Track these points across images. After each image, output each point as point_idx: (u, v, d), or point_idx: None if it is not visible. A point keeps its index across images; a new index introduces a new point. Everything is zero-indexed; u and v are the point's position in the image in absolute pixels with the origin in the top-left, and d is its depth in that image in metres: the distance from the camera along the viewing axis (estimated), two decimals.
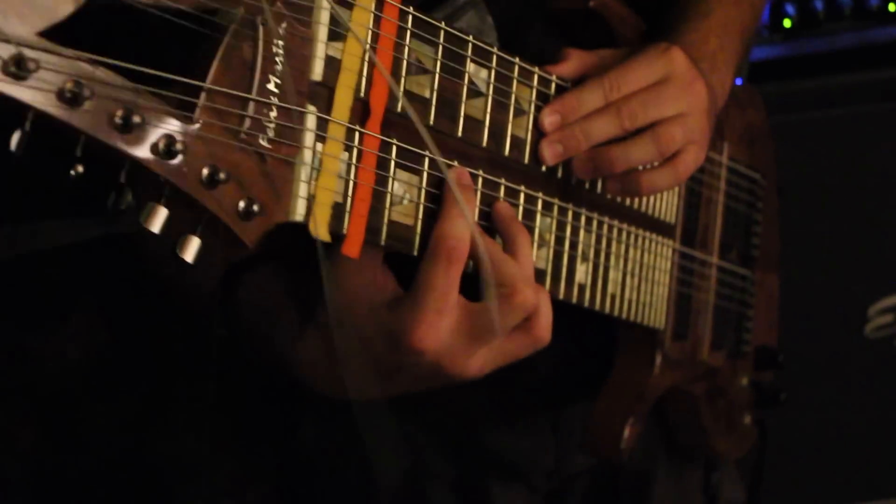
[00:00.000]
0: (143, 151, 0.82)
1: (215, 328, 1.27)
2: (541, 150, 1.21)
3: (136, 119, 0.81)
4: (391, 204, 1.03)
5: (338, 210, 0.97)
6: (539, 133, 1.22)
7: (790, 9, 2.30)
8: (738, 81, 1.81)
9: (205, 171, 0.86)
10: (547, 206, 1.24)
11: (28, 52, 0.75)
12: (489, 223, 1.16)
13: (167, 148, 0.83)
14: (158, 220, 0.86)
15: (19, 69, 0.74)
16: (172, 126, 0.84)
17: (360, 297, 1.10)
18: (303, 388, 1.24)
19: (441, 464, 1.52)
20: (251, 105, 0.88)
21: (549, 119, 1.21)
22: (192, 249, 0.88)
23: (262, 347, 1.24)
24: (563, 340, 1.34)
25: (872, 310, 2.32)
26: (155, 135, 0.83)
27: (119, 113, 0.80)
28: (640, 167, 1.29)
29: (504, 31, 1.32)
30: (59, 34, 0.78)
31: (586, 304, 1.33)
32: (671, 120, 1.26)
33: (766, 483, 1.82)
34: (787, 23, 2.30)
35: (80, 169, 0.82)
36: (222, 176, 0.86)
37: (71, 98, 0.78)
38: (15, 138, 0.78)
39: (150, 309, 1.45)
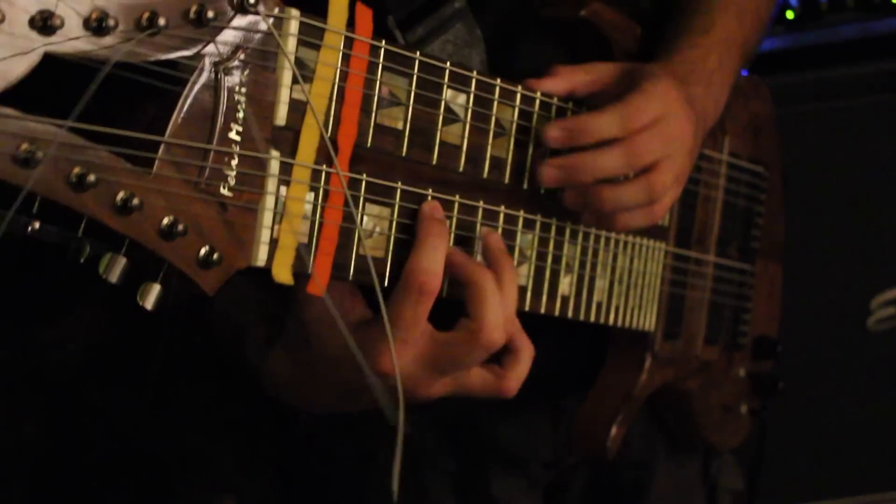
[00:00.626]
0: (100, 209, 0.83)
1: (193, 337, 1.29)
2: (540, 170, 1.20)
3: (92, 178, 0.82)
4: (360, 238, 1.04)
5: (303, 251, 0.98)
6: (522, 152, 1.21)
7: (793, 0, 2.26)
8: (744, 72, 1.79)
9: (164, 223, 0.87)
10: (528, 224, 1.24)
11: None
12: (468, 248, 1.16)
13: (124, 203, 0.84)
14: (117, 271, 0.87)
15: None
16: (130, 181, 0.84)
17: (327, 318, 1.11)
18: (275, 398, 1.26)
19: (440, 454, 1.54)
20: (211, 154, 0.89)
21: (554, 134, 1.20)
22: (152, 297, 0.90)
23: (236, 359, 1.25)
24: (562, 330, 1.35)
25: (874, 302, 2.30)
26: (112, 191, 0.84)
27: (75, 172, 0.81)
28: None
29: (493, 41, 1.31)
30: (13, 96, 0.79)
31: (570, 314, 1.33)
32: (663, 166, 1.24)
33: (768, 474, 1.83)
34: (789, 14, 2.26)
35: (37, 225, 0.84)
36: (181, 228, 0.87)
37: (24, 160, 0.79)
38: None
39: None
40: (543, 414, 1.58)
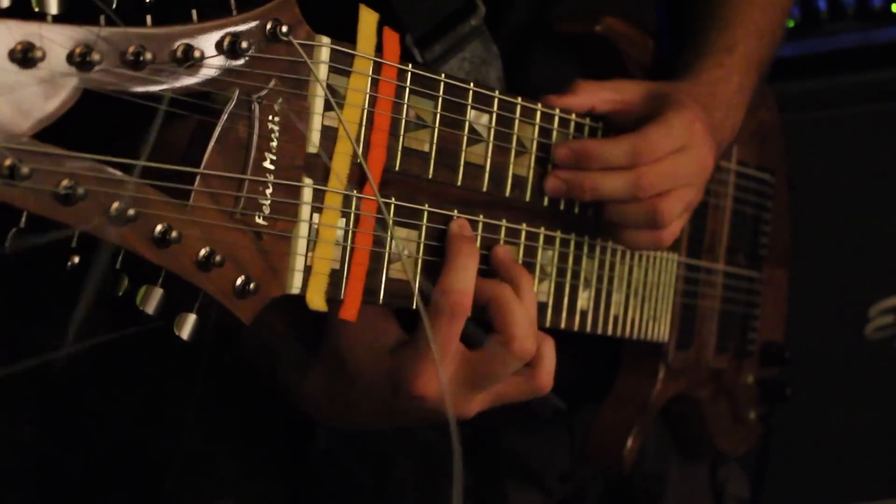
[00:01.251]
0: (138, 242, 0.83)
1: (221, 357, 1.28)
2: (546, 181, 1.21)
3: (132, 212, 0.82)
4: (389, 262, 1.04)
5: (335, 277, 0.98)
6: (542, 170, 1.21)
7: (793, 9, 2.26)
8: None
9: (201, 255, 0.87)
10: (548, 240, 1.24)
11: (22, 158, 0.75)
12: (489, 266, 1.16)
13: (162, 236, 0.84)
14: (154, 302, 0.87)
15: (13, 177, 0.75)
16: (167, 214, 0.84)
17: (361, 341, 1.11)
18: (307, 417, 1.26)
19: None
20: (246, 185, 0.89)
21: (562, 153, 1.21)
22: (188, 327, 0.90)
23: (266, 378, 1.25)
24: (577, 341, 1.36)
25: (873, 310, 2.30)
26: (150, 224, 0.83)
27: (114, 207, 0.81)
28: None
29: (509, 57, 1.31)
30: (53, 132, 0.79)
31: (588, 329, 1.34)
32: (675, 195, 1.24)
33: (769, 484, 1.83)
34: (789, 22, 2.26)
35: (77, 260, 0.83)
36: (218, 259, 0.87)
37: (65, 197, 0.78)
38: (9, 237, 0.79)
39: None
40: (560, 426, 1.59)
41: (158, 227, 0.84)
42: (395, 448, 1.52)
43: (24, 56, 0.74)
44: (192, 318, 0.89)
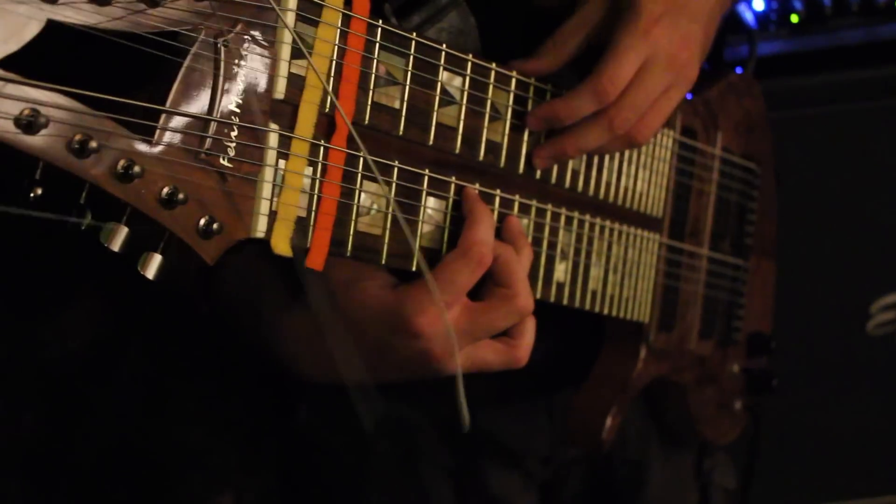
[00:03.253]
0: (101, 175, 0.84)
1: (198, 306, 1.29)
2: (534, 161, 1.26)
3: (94, 144, 0.83)
4: (357, 215, 1.05)
5: (301, 224, 0.99)
6: (517, 137, 1.23)
7: (797, 4, 2.26)
8: (738, 70, 1.81)
9: (164, 192, 0.88)
10: (524, 208, 1.25)
11: None
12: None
13: (125, 171, 0.85)
14: (119, 240, 0.88)
15: None
16: (131, 149, 0.86)
17: (353, 279, 1.15)
18: (286, 370, 1.27)
19: (437, 448, 1.55)
20: (212, 125, 0.90)
21: (532, 122, 1.24)
22: (153, 267, 0.91)
23: (246, 326, 1.26)
24: (558, 325, 1.37)
25: (875, 306, 2.30)
26: (113, 158, 0.85)
27: (77, 138, 0.82)
28: None
29: (487, 30, 1.32)
30: (18, 62, 0.80)
31: (565, 301, 1.35)
32: (651, 115, 1.26)
33: (766, 478, 1.83)
34: (794, 18, 2.26)
35: (40, 191, 0.85)
36: (181, 196, 0.88)
37: (27, 125, 0.80)
38: None
39: (151, 296, 1.48)
40: (540, 408, 1.59)
41: (122, 162, 0.85)
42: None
43: None
44: (157, 258, 0.91)
